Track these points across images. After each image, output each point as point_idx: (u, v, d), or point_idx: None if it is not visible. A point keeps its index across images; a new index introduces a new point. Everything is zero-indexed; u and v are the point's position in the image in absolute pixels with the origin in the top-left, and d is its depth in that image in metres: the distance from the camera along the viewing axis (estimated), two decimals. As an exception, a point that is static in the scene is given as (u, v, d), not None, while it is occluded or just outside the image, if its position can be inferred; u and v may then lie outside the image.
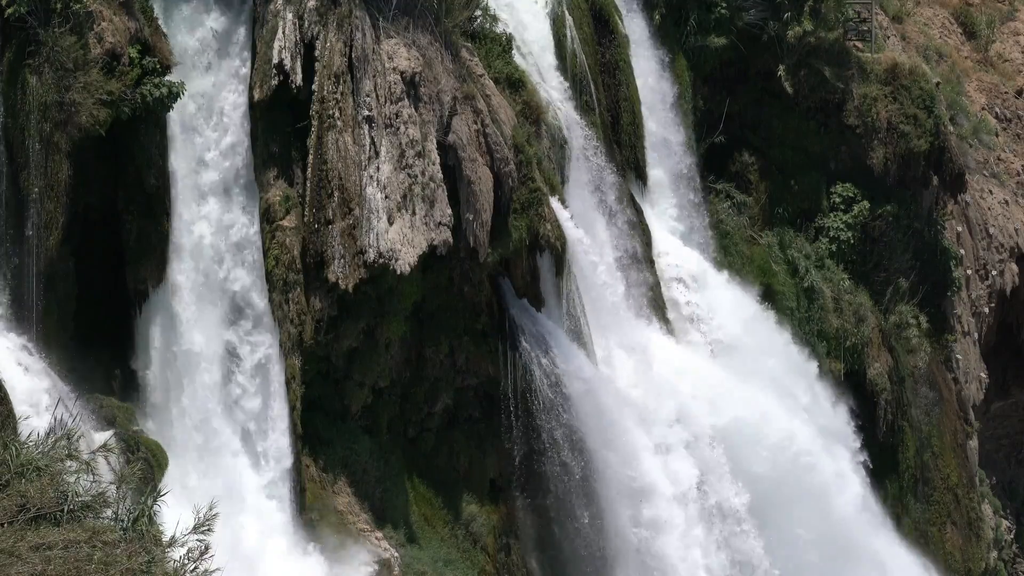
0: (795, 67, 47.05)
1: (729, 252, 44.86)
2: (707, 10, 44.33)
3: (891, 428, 46.81)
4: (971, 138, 54.31)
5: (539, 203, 35.13)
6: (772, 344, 43.43)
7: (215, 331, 31.12)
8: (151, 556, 14.19)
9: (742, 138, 46.84)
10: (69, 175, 28.16)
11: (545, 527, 36.39)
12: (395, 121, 32.72)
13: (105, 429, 27.79)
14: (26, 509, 14.38)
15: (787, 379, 42.92)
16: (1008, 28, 61.68)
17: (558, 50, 39.57)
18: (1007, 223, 54.75)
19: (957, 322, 50.75)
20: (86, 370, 28.62)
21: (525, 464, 35.94)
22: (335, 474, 33.06)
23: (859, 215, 47.11)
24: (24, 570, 13.47)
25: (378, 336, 33.54)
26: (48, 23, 27.86)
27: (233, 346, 31.36)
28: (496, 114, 34.58)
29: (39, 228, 28.01)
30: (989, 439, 55.09)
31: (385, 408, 34.30)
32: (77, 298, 29.19)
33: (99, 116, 28.20)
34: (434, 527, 34.56)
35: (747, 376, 41.18)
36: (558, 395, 35.45)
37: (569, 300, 36.66)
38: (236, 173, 31.48)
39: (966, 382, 51.41)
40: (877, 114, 47.47)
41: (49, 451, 15.44)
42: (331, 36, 32.18)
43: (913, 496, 47.52)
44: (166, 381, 30.44)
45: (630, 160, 41.89)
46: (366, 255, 31.86)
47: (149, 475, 27.56)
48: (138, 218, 29.60)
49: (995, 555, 51.89)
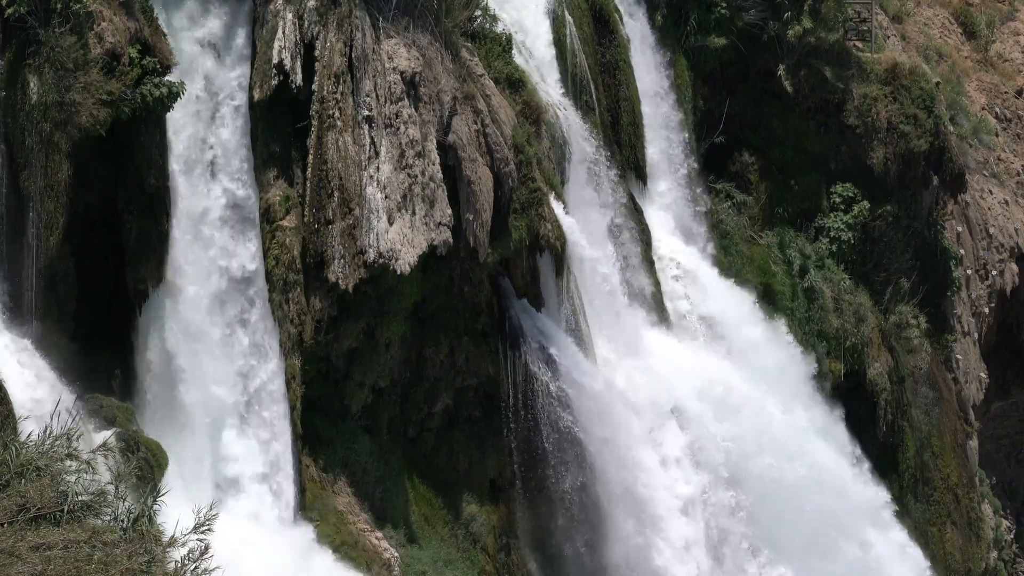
0: (795, 67, 47.06)
1: (729, 252, 44.87)
2: (707, 10, 44.33)
3: (891, 428, 46.84)
4: (971, 138, 54.32)
5: (539, 203, 35.13)
6: (772, 343, 43.43)
7: (215, 331, 31.10)
8: (151, 556, 14.19)
9: (742, 138, 46.85)
10: (69, 175, 28.14)
11: (545, 527, 36.39)
12: (395, 121, 32.72)
13: (105, 429, 27.79)
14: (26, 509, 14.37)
15: (786, 378, 42.92)
16: (1008, 28, 61.71)
17: (558, 50, 39.57)
18: (1007, 223, 54.76)
19: (957, 322, 50.76)
20: (86, 370, 28.59)
21: (525, 464, 35.94)
22: (335, 474, 33.06)
23: (859, 215, 47.12)
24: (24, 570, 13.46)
25: (378, 336, 33.54)
26: (48, 23, 27.84)
27: (233, 346, 31.35)
28: (496, 114, 34.58)
29: (39, 228, 27.99)
30: (989, 439, 55.10)
31: (385, 408, 34.30)
32: (77, 298, 29.17)
33: (99, 116, 28.17)
34: (434, 527, 34.57)
35: (747, 375, 41.18)
36: (558, 395, 35.45)
37: (569, 300, 36.67)
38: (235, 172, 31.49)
39: (966, 382, 51.43)
40: (877, 114, 47.48)
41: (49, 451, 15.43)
42: (331, 36, 32.18)
43: (913, 496, 47.53)
44: (166, 381, 30.42)
45: (630, 160, 41.89)
46: (366, 255, 31.86)
47: (149, 475, 27.56)
48: (138, 218, 29.57)
49: (995, 555, 51.90)
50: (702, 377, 40.05)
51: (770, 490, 39.92)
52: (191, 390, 30.63)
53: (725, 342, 41.90)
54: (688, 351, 40.70)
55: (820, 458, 41.74)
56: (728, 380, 40.63)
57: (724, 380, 40.57)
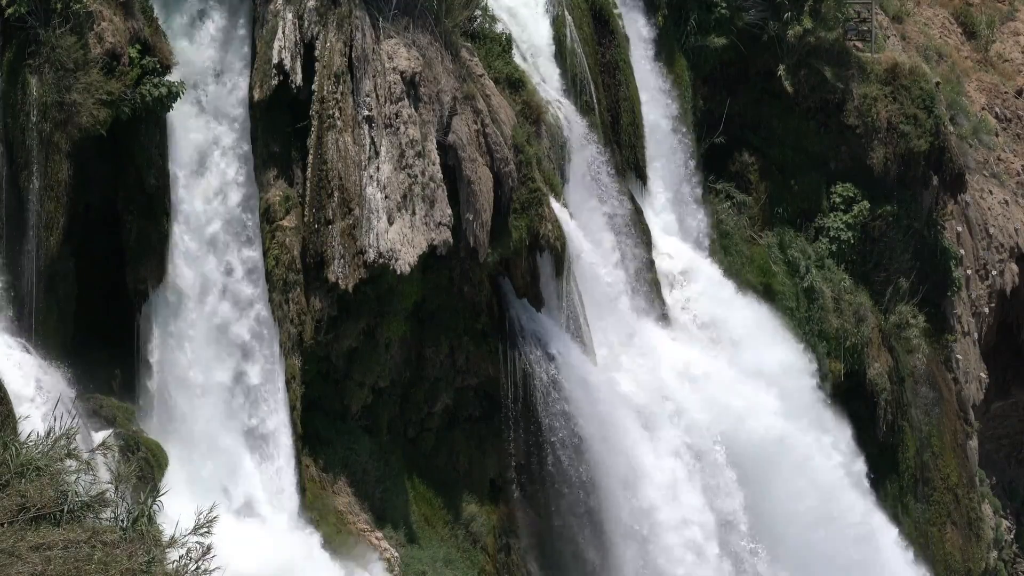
0: (795, 67, 47.05)
1: (729, 252, 44.86)
2: (707, 10, 44.33)
3: (891, 428, 46.84)
4: (971, 138, 54.32)
5: (539, 203, 35.14)
6: (771, 342, 43.42)
7: (215, 331, 31.11)
8: (151, 556, 14.19)
9: (742, 138, 46.85)
10: (69, 175, 28.14)
11: (545, 527, 36.39)
12: (395, 121, 32.72)
13: (105, 429, 27.80)
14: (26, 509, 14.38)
15: (786, 377, 42.92)
16: (1008, 28, 61.70)
17: (558, 50, 39.57)
18: (1007, 223, 54.76)
19: (957, 322, 50.76)
20: (86, 370, 28.60)
21: (525, 464, 35.94)
22: (335, 474, 33.06)
23: (859, 215, 47.12)
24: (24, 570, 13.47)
25: (378, 336, 33.54)
26: (48, 23, 27.85)
27: (233, 346, 31.35)
28: (496, 114, 34.58)
29: (39, 228, 28.00)
30: (989, 439, 55.10)
31: (385, 408, 34.30)
32: (77, 298, 29.17)
33: (99, 116, 28.18)
34: (434, 527, 34.57)
35: (747, 375, 41.19)
36: (558, 395, 35.45)
37: (569, 300, 36.67)
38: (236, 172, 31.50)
39: (966, 382, 51.42)
40: (877, 114, 47.48)
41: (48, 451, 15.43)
42: (331, 36, 32.18)
43: (913, 496, 47.53)
44: (166, 381, 30.43)
45: (630, 160, 41.89)
46: (366, 255, 31.86)
47: (149, 475, 27.57)
48: (138, 218, 29.58)
49: (995, 555, 51.90)
50: (702, 376, 40.05)
51: (770, 489, 39.95)
52: (191, 390, 30.63)
53: (725, 341, 41.89)
54: (688, 350, 40.70)
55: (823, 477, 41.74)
56: (728, 379, 40.64)
57: (724, 379, 40.56)
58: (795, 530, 40.71)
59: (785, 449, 40.95)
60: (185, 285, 30.55)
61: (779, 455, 40.76)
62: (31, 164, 27.88)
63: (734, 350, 41.84)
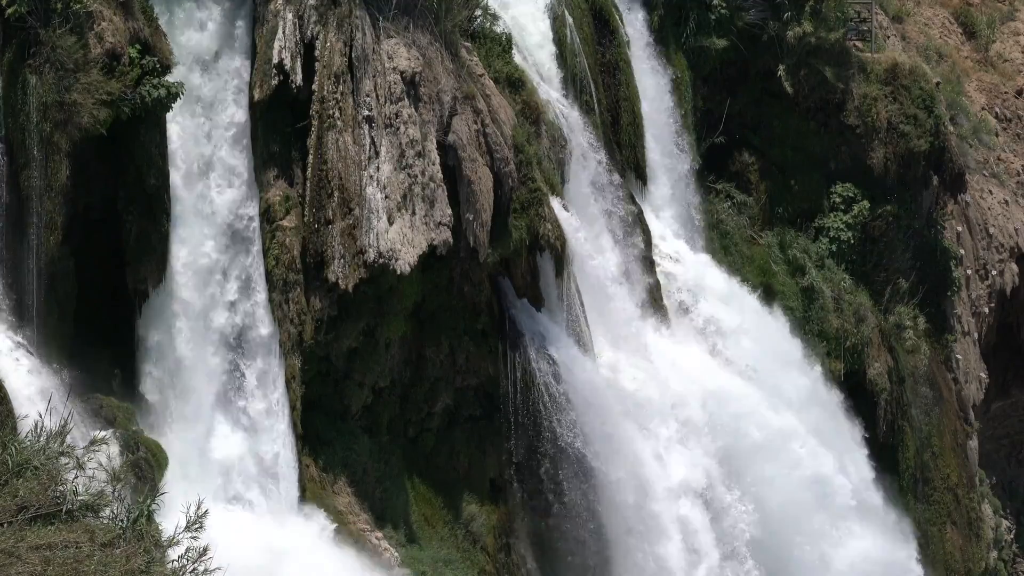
0: (795, 67, 47.06)
1: (729, 252, 44.88)
2: (707, 10, 44.33)
3: (891, 428, 46.84)
4: (971, 138, 54.33)
5: (539, 203, 35.14)
6: (771, 342, 43.43)
7: (215, 331, 31.12)
8: (150, 557, 14.20)
9: (742, 138, 46.88)
10: (69, 175, 28.14)
11: (545, 527, 36.39)
12: (395, 121, 32.73)
13: (105, 429, 27.78)
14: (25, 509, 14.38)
15: (786, 376, 42.93)
16: (1008, 28, 61.69)
17: (558, 50, 39.58)
18: (1007, 223, 54.75)
19: (957, 322, 50.76)
20: (86, 370, 28.60)
21: (525, 464, 35.94)
22: (335, 474, 33.06)
23: (859, 215, 47.13)
24: (24, 570, 13.48)
25: (378, 336, 33.54)
26: (48, 23, 27.86)
27: (233, 346, 31.36)
28: (496, 114, 34.58)
29: (39, 228, 28.00)
30: (989, 439, 55.10)
31: (385, 408, 34.30)
32: (77, 298, 29.17)
33: (99, 116, 28.18)
34: (434, 527, 34.57)
35: (747, 375, 41.19)
36: (558, 395, 35.45)
37: (569, 300, 36.67)
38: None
39: (966, 382, 51.43)
40: (877, 114, 47.49)
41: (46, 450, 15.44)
42: (331, 36, 32.18)
43: (913, 496, 47.53)
44: (166, 381, 30.43)
45: (630, 160, 41.90)
46: (366, 255, 31.87)
47: (149, 475, 27.57)
48: (138, 218, 29.57)
49: (995, 555, 51.91)
50: (701, 376, 40.06)
51: (770, 488, 39.95)
52: (191, 389, 30.64)
53: (725, 341, 41.89)
54: (688, 350, 40.70)
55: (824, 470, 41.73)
56: (727, 378, 40.65)
57: (723, 379, 40.57)
58: (793, 530, 40.73)
59: (785, 448, 40.95)
60: (185, 285, 30.56)
61: (779, 454, 40.75)
62: (31, 164, 27.88)
63: (733, 347, 41.84)
